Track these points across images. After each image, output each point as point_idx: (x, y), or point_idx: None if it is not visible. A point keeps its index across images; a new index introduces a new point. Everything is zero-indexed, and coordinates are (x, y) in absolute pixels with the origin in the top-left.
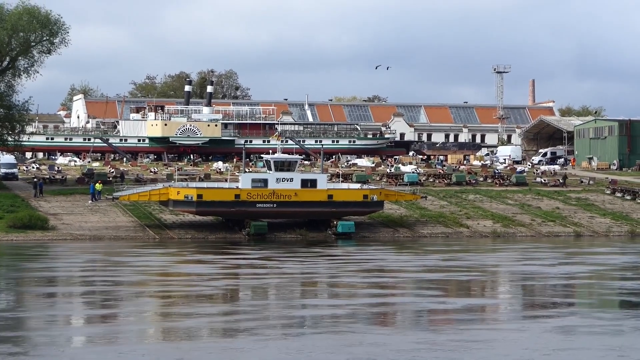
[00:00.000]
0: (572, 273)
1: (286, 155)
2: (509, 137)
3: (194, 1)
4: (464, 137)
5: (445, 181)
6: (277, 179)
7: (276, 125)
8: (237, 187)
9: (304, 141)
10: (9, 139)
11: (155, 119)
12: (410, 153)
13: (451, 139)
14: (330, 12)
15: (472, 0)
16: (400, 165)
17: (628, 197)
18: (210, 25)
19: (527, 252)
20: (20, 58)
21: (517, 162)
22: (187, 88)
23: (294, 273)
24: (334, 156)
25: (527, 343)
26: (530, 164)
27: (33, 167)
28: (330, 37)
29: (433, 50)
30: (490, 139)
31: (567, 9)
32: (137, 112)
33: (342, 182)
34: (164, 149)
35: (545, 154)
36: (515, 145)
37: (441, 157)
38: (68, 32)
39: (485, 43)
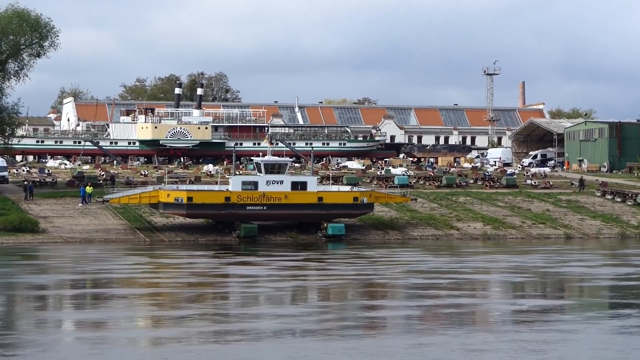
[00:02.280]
0: (624, 275)
1: (276, 158)
2: (499, 139)
3: (179, 4)
4: (454, 139)
5: (436, 183)
6: (267, 182)
7: (266, 128)
8: (228, 190)
9: (294, 143)
10: None
11: (145, 122)
12: (401, 155)
13: (441, 141)
14: (315, 14)
15: (457, 3)
16: (390, 167)
17: (618, 200)
18: (195, 28)
19: (564, 254)
20: (10, 61)
21: (507, 165)
22: (177, 91)
23: (349, 275)
24: (324, 158)
25: (593, 344)
26: (521, 166)
27: (23, 170)
28: (316, 39)
29: (419, 52)
30: (481, 141)
31: (552, 12)
32: (127, 114)
33: (332, 184)
34: (154, 151)
35: (535, 156)
36: (506, 147)
37: (431, 160)
38: (58, 36)
39: (472, 46)
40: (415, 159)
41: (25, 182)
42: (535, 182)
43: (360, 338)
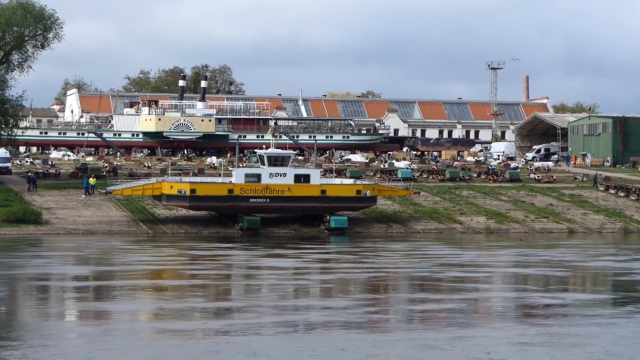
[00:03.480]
0: None
1: (279, 151)
2: (503, 133)
3: None
4: (457, 133)
5: (439, 177)
6: (271, 174)
7: (270, 121)
8: (231, 182)
9: (297, 136)
10: (3, 133)
11: (149, 114)
12: (404, 149)
13: (445, 135)
14: (319, 7)
15: None
16: (394, 161)
17: (621, 194)
18: (199, 20)
19: (590, 248)
20: (14, 52)
21: (511, 159)
22: (181, 83)
23: (386, 268)
24: (327, 151)
25: (635, 338)
26: (524, 161)
27: (27, 162)
28: (320, 32)
29: (423, 46)
30: (484, 135)
31: (553, 6)
32: (131, 106)
33: (335, 177)
34: (158, 143)
35: (539, 151)
36: (509, 141)
37: (435, 153)
38: (62, 27)
39: (474, 40)
40: (419, 153)
41: (29, 174)
42: (538, 177)
43: (404, 330)
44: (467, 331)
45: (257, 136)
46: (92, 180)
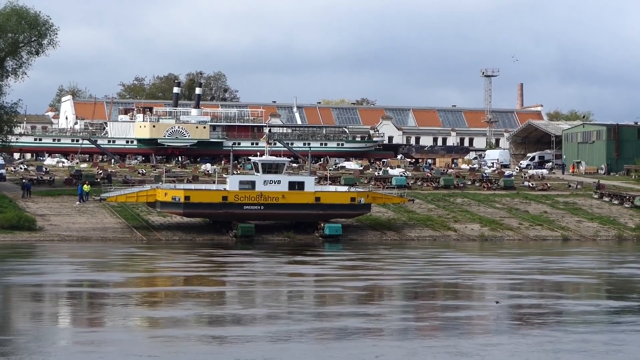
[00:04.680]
0: None
1: (274, 158)
2: (497, 140)
3: (175, 2)
4: (452, 140)
5: (433, 185)
6: (265, 181)
7: (264, 128)
8: (225, 189)
9: (292, 144)
10: None
11: (143, 121)
12: (399, 156)
13: (439, 142)
14: (313, 14)
15: (454, 4)
16: (388, 168)
17: (615, 202)
18: (192, 27)
19: (606, 256)
20: (8, 59)
21: (505, 166)
22: (175, 90)
23: (413, 275)
24: (322, 159)
25: None
26: (518, 168)
27: (21, 168)
28: (314, 39)
29: (417, 53)
30: (479, 142)
31: (547, 14)
32: (126, 113)
33: (330, 184)
34: (152, 150)
35: (533, 158)
36: (504, 149)
37: (429, 161)
38: (57, 34)
39: (469, 47)
40: (413, 160)
41: (23, 180)
42: (532, 184)
43: (438, 338)
44: (501, 338)
45: (252, 143)
46: (86, 187)
